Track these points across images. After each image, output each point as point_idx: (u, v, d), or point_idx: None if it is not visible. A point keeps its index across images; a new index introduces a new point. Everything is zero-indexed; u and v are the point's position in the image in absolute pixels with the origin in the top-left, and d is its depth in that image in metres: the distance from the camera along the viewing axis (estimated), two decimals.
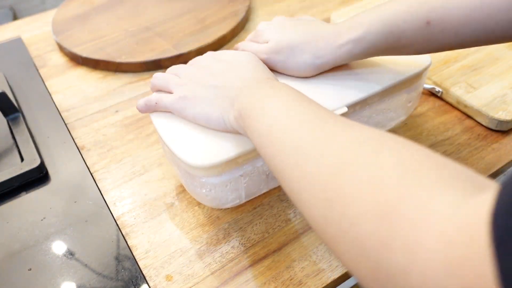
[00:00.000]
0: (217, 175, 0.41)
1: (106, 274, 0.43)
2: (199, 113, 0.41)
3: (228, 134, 0.42)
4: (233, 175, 0.42)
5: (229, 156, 0.40)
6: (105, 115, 0.62)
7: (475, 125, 0.56)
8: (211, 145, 0.41)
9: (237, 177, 0.43)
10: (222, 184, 0.43)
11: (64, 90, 0.67)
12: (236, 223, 0.47)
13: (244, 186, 0.45)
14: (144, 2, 0.84)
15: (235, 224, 0.47)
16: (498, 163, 0.51)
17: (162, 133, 0.43)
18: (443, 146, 0.53)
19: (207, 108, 0.41)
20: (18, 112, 0.60)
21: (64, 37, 0.75)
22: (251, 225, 0.47)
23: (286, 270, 0.43)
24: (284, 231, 0.46)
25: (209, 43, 0.71)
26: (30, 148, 0.54)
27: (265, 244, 0.45)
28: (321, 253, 0.44)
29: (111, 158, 0.55)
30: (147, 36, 0.74)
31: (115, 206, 0.50)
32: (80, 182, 0.52)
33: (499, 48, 0.64)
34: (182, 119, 0.44)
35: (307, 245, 0.44)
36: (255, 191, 0.47)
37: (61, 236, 0.46)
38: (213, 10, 0.79)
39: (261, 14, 0.81)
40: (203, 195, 0.44)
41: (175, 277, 0.43)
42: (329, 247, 0.28)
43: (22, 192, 0.51)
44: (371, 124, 0.51)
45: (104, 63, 0.70)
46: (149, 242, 0.46)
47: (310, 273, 0.42)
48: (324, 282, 0.41)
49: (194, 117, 0.42)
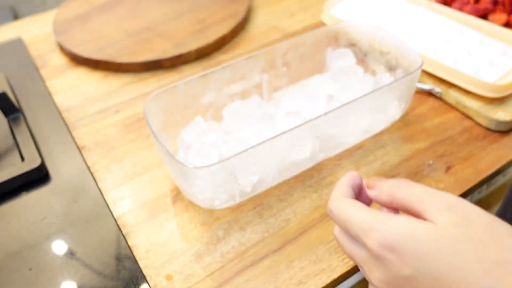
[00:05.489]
0: (208, 175, 0.42)
1: (107, 273, 0.43)
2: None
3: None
4: (225, 177, 0.43)
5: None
6: (105, 115, 0.62)
7: (474, 126, 0.56)
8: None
9: (230, 179, 0.43)
10: (213, 185, 0.43)
11: (64, 90, 0.67)
12: (236, 223, 0.47)
13: (238, 188, 0.45)
14: (144, 2, 0.84)
15: (235, 224, 0.47)
16: (498, 163, 0.51)
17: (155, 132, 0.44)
18: (443, 146, 0.53)
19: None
20: (18, 112, 0.60)
21: (64, 38, 0.75)
22: (251, 225, 0.47)
23: (286, 270, 0.43)
24: (284, 231, 0.46)
25: (209, 43, 0.71)
26: (31, 148, 0.54)
27: (265, 244, 0.45)
28: (321, 253, 0.44)
29: (112, 158, 0.55)
30: (147, 36, 0.74)
31: (115, 206, 0.50)
32: (80, 182, 0.52)
33: None
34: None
35: (307, 245, 0.45)
36: (250, 192, 0.47)
37: (61, 236, 0.46)
38: (213, 10, 0.79)
39: (261, 14, 0.81)
40: (195, 195, 0.44)
41: (175, 277, 0.43)
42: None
43: (23, 192, 0.51)
44: (365, 123, 0.51)
45: (104, 63, 0.70)
46: (149, 242, 0.46)
47: (310, 273, 0.42)
48: (324, 282, 0.41)
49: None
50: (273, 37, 0.75)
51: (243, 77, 0.55)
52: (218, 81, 0.53)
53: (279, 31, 0.76)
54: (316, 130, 0.46)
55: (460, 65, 0.59)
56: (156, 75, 0.69)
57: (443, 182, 0.49)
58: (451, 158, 0.52)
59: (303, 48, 0.58)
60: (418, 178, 0.50)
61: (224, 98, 0.55)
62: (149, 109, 0.48)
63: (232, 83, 0.55)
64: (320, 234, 0.45)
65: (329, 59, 0.60)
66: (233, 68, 0.53)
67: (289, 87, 0.59)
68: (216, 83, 0.53)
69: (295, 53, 0.58)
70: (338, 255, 0.43)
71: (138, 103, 0.64)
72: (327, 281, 0.42)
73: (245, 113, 0.53)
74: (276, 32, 0.76)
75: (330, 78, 0.58)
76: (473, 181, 0.49)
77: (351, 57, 0.59)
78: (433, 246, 0.25)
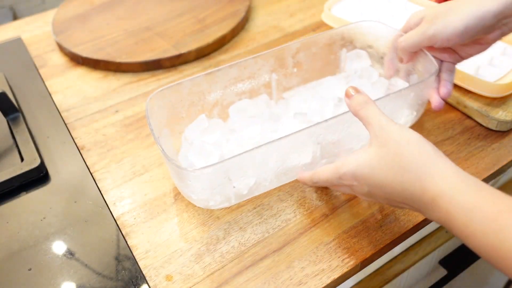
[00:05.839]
0: (201, 177, 0.41)
1: (106, 274, 0.43)
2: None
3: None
4: (219, 179, 0.43)
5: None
6: (105, 115, 0.62)
7: (475, 125, 0.56)
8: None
9: (224, 181, 0.43)
10: (207, 187, 0.43)
11: (64, 90, 0.67)
12: (236, 223, 0.47)
13: (233, 190, 0.45)
14: (144, 2, 0.84)
15: (235, 224, 0.47)
16: (498, 163, 0.51)
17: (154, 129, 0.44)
18: (443, 146, 0.53)
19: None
20: (18, 112, 0.60)
21: (64, 37, 0.75)
22: (251, 225, 0.47)
23: (286, 270, 0.43)
24: (284, 231, 0.46)
25: (209, 43, 0.71)
26: (30, 148, 0.54)
27: (265, 244, 0.45)
28: (321, 253, 0.44)
29: (111, 158, 0.55)
30: (147, 36, 0.74)
31: (115, 206, 0.50)
32: (80, 182, 0.52)
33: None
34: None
35: (307, 245, 0.44)
36: (246, 195, 0.47)
37: (61, 236, 0.46)
38: (213, 10, 0.79)
39: (261, 14, 0.81)
40: (189, 194, 0.44)
41: (175, 277, 0.43)
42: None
43: (22, 192, 0.51)
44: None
45: (104, 63, 0.70)
46: (149, 242, 0.46)
47: (310, 273, 0.42)
48: (324, 282, 0.41)
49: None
50: (273, 37, 0.75)
51: (251, 76, 0.55)
52: (225, 79, 0.53)
53: (279, 30, 0.76)
54: (317, 136, 0.45)
55: (461, 65, 0.59)
56: (155, 75, 0.69)
57: None
58: (452, 158, 0.52)
59: (315, 48, 0.57)
60: None
61: (231, 96, 0.55)
62: (151, 105, 0.48)
63: (240, 81, 0.54)
64: (320, 234, 0.45)
65: (343, 60, 0.59)
66: (240, 67, 0.53)
67: (300, 88, 0.58)
68: (222, 81, 0.53)
69: (307, 53, 0.57)
70: (338, 255, 0.43)
71: (138, 103, 0.64)
72: (327, 281, 0.41)
73: (251, 112, 0.53)
74: (276, 32, 0.76)
75: (343, 79, 0.57)
76: None
77: (366, 59, 0.57)
78: (368, 168, 0.38)
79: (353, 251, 0.44)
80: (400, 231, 0.45)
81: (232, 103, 0.54)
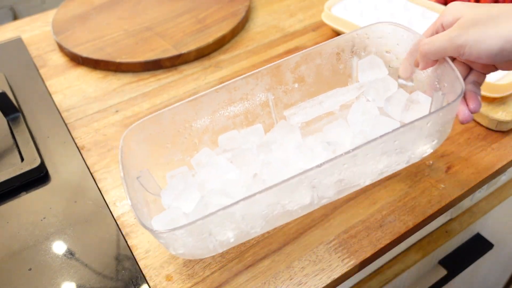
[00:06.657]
0: (173, 238, 0.37)
1: (106, 274, 0.43)
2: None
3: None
4: (197, 236, 0.38)
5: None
6: (105, 115, 0.62)
7: (475, 125, 0.56)
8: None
9: (204, 237, 0.38)
10: (182, 245, 0.38)
11: (64, 90, 0.67)
12: None
13: (216, 243, 0.40)
14: (144, 2, 0.84)
15: None
16: (498, 163, 0.51)
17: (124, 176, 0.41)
18: (443, 146, 0.53)
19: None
20: (18, 112, 0.60)
21: (64, 37, 0.75)
22: None
23: (286, 270, 0.43)
24: (284, 231, 0.46)
25: (209, 43, 0.71)
26: (30, 148, 0.54)
27: (265, 244, 0.45)
28: (321, 253, 0.44)
29: (111, 158, 0.55)
30: (147, 36, 0.74)
31: (115, 206, 0.50)
32: (80, 182, 0.52)
33: None
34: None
35: (307, 245, 0.44)
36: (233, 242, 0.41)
37: (61, 236, 0.46)
38: (213, 10, 0.79)
39: (261, 14, 0.81)
40: (171, 251, 0.40)
41: (175, 277, 0.43)
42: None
43: (22, 192, 0.51)
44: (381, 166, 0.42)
45: (104, 63, 0.70)
46: (149, 242, 0.46)
47: (310, 273, 0.42)
48: (324, 282, 0.41)
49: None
50: (273, 37, 0.75)
51: (244, 97, 0.49)
52: (212, 104, 0.48)
53: (279, 30, 0.76)
54: (313, 180, 0.38)
55: None
56: (156, 74, 0.69)
57: (443, 182, 0.49)
58: (452, 158, 0.52)
59: (320, 59, 0.50)
60: (418, 178, 0.50)
61: (222, 121, 0.49)
62: (127, 141, 0.43)
63: (231, 104, 0.49)
64: (320, 234, 0.45)
65: (355, 69, 0.52)
66: (229, 89, 0.48)
67: (303, 103, 0.51)
68: (209, 107, 0.48)
69: (310, 65, 0.50)
70: (338, 255, 0.43)
71: (138, 103, 0.64)
72: (327, 281, 0.41)
73: (240, 145, 0.48)
74: (276, 32, 0.76)
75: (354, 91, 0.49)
76: (474, 181, 0.49)
77: (383, 68, 0.49)
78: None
79: (353, 251, 0.44)
80: (400, 231, 0.45)
81: (225, 127, 0.50)
